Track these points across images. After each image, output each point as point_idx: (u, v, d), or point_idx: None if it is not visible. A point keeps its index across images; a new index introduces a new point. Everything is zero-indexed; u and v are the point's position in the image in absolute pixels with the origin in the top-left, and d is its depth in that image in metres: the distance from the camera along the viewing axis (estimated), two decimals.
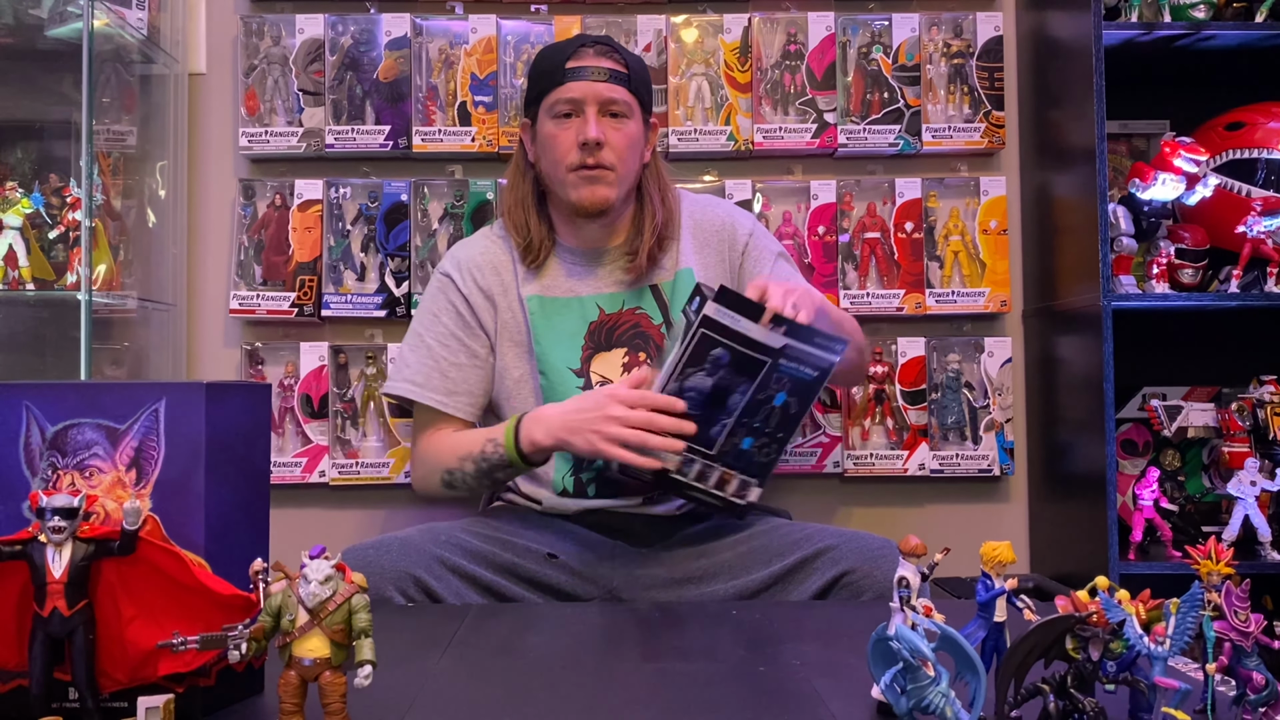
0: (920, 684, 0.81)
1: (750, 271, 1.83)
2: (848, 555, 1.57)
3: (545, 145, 1.77)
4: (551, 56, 1.77)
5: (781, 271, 1.84)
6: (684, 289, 1.79)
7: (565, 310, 1.79)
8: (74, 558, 0.88)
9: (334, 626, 0.85)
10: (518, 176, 1.85)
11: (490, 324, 1.80)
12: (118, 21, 2.07)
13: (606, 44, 1.78)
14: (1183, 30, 2.07)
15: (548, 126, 1.76)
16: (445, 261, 1.87)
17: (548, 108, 1.75)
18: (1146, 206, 2.05)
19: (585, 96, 1.72)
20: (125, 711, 0.90)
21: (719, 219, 1.87)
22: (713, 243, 1.85)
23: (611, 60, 1.75)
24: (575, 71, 1.73)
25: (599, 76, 1.73)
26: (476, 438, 1.70)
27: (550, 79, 1.75)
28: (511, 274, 1.82)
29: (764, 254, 1.85)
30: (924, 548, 0.91)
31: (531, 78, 1.82)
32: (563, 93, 1.73)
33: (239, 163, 2.29)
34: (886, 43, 2.26)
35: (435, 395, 1.77)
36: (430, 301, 1.84)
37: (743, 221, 1.88)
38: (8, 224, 1.96)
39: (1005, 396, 2.23)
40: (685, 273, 1.81)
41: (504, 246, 1.84)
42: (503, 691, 1.07)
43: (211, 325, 2.30)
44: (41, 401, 0.99)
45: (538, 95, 1.78)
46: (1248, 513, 1.95)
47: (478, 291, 1.81)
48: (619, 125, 1.74)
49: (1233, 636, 0.86)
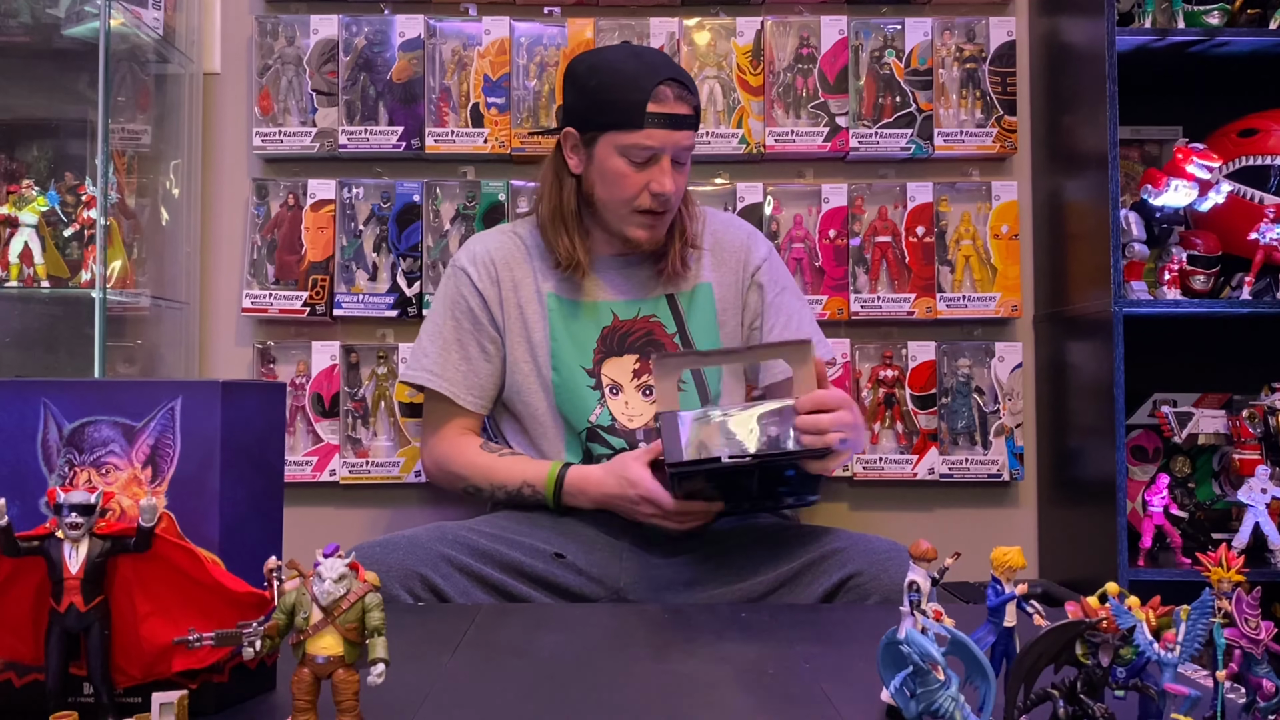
0: (930, 688, 0.81)
1: (755, 298, 1.86)
2: (855, 557, 1.57)
3: (610, 180, 1.72)
4: (627, 89, 1.68)
5: (785, 305, 1.86)
6: (702, 302, 1.81)
7: (581, 313, 1.80)
8: (90, 554, 0.89)
9: (347, 624, 0.85)
10: (555, 186, 1.79)
11: (501, 319, 1.81)
12: (134, 21, 2.08)
13: (682, 83, 1.71)
14: (1196, 36, 2.06)
15: (617, 162, 1.70)
16: (460, 255, 1.87)
17: (621, 147, 1.69)
18: (1158, 213, 2.05)
19: (665, 147, 1.69)
20: (140, 707, 0.91)
21: (738, 240, 1.89)
22: (730, 262, 1.87)
23: (687, 105, 1.70)
24: (657, 119, 1.67)
25: (681, 126, 1.69)
26: (514, 474, 1.74)
27: (627, 117, 1.67)
28: (528, 271, 1.82)
29: (771, 285, 1.87)
30: (934, 552, 0.92)
31: (598, 100, 1.71)
32: (643, 139, 1.68)
33: (253, 162, 2.30)
34: (899, 47, 2.27)
35: (451, 386, 1.80)
36: (445, 294, 1.85)
37: (759, 247, 1.90)
38: (23, 222, 1.97)
39: (1015, 401, 2.23)
40: (704, 287, 1.83)
41: (521, 243, 1.85)
42: (514, 691, 1.07)
43: (224, 324, 2.31)
44: (59, 398, 1.00)
45: (605, 124, 1.70)
46: (1258, 520, 1.94)
47: (491, 286, 1.81)
48: (681, 170, 1.74)
49: (1243, 644, 0.86)
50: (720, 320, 1.83)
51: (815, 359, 1.61)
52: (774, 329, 1.84)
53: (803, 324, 1.85)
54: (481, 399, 1.82)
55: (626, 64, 1.71)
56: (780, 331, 1.83)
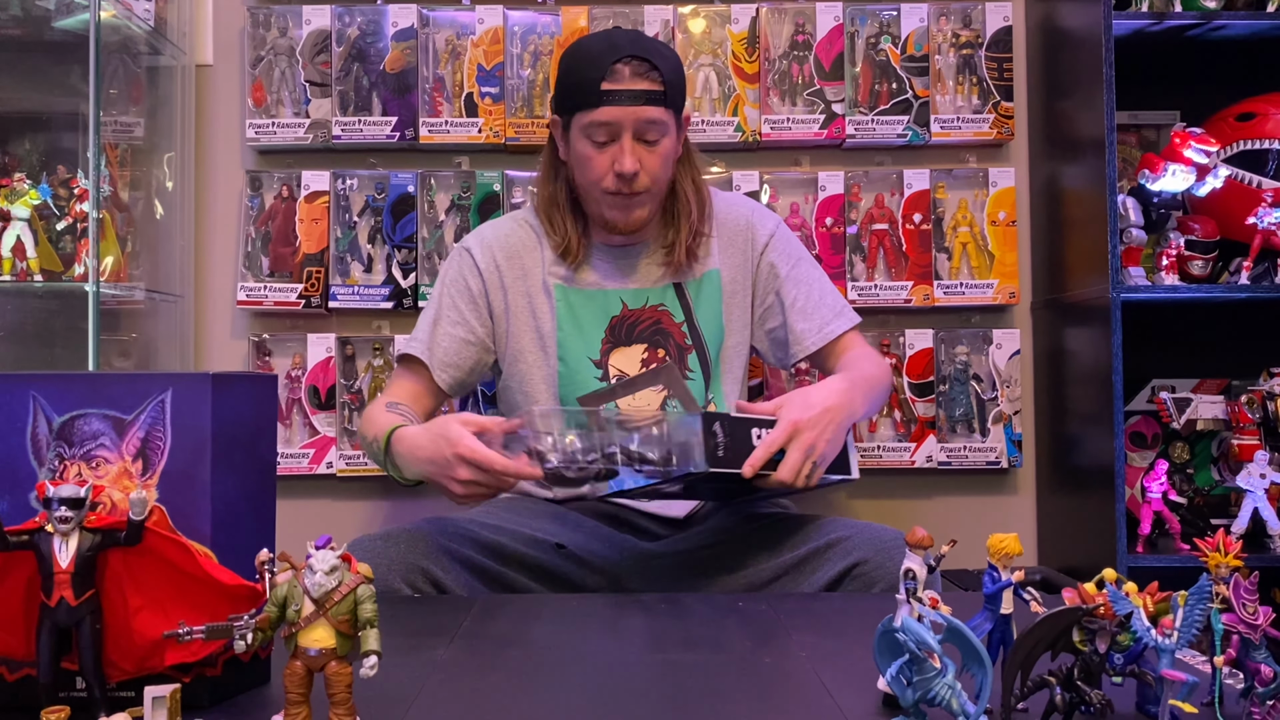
0: (926, 676, 0.81)
1: (767, 276, 1.80)
2: (860, 546, 1.55)
3: (579, 162, 1.70)
4: (585, 68, 1.66)
5: (804, 276, 1.80)
6: (709, 290, 1.78)
7: (589, 302, 1.77)
8: (81, 548, 0.88)
9: (340, 617, 0.85)
10: (549, 173, 1.79)
11: (500, 306, 1.79)
12: (125, 13, 2.07)
13: (643, 58, 1.66)
14: (1194, 20, 2.05)
15: (582, 145, 1.68)
16: (469, 236, 1.85)
17: (581, 127, 1.67)
18: (1156, 198, 2.04)
19: (621, 121, 1.65)
20: (132, 701, 0.90)
21: (741, 218, 1.83)
22: (737, 242, 1.81)
23: (648, 81, 1.65)
24: (611, 95, 1.63)
25: (636, 101, 1.64)
26: (379, 426, 1.63)
27: (583, 97, 1.65)
28: (537, 260, 1.80)
29: (784, 257, 1.80)
30: (931, 539, 0.91)
31: (563, 82, 1.72)
32: (597, 116, 1.64)
33: (246, 154, 2.30)
34: (895, 33, 2.26)
35: (426, 352, 1.75)
36: (446, 272, 1.83)
37: (765, 222, 1.84)
38: (16, 215, 1.96)
39: (1013, 389, 2.23)
40: (711, 274, 1.79)
41: (532, 232, 1.81)
42: (509, 682, 1.07)
43: (219, 316, 2.30)
44: (48, 391, 0.99)
45: (571, 106, 1.68)
46: (1257, 505, 1.94)
47: (494, 271, 1.79)
48: (653, 149, 1.68)
49: (1241, 629, 0.86)
50: (726, 305, 1.79)
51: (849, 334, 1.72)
52: (796, 301, 1.77)
53: (824, 293, 1.79)
54: (449, 375, 1.75)
55: (594, 45, 1.70)
56: (805, 303, 1.77)
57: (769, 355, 1.84)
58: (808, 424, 1.49)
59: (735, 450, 1.45)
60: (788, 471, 1.47)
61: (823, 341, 1.75)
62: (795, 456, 1.47)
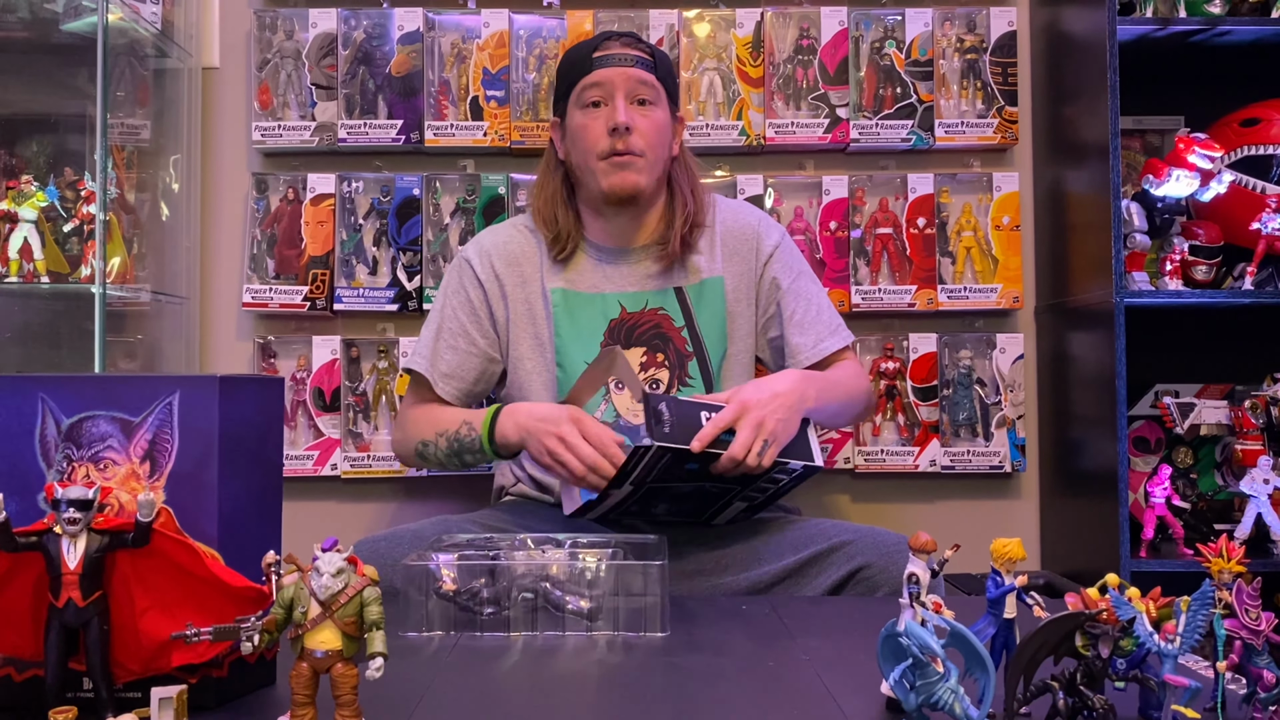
0: (929, 680, 0.81)
1: (769, 287, 1.83)
2: (864, 550, 1.56)
3: (576, 136, 1.77)
4: (578, 50, 1.79)
5: (804, 290, 1.83)
6: (711, 296, 1.79)
7: (588, 306, 1.78)
8: (88, 549, 0.89)
9: (346, 619, 0.85)
10: (547, 174, 1.85)
11: (501, 314, 1.80)
12: (132, 15, 2.08)
13: (632, 36, 1.81)
14: (1198, 25, 2.05)
15: (577, 118, 1.76)
16: (469, 246, 1.87)
17: (576, 98, 1.76)
18: (1160, 203, 2.04)
19: (613, 81, 1.74)
20: (139, 702, 0.91)
21: (747, 226, 1.85)
22: (741, 250, 1.83)
23: (638, 49, 1.77)
24: (603, 59, 1.74)
25: (626, 63, 1.74)
26: (455, 416, 1.72)
27: (578, 69, 1.76)
28: (536, 266, 1.81)
29: (786, 270, 1.83)
30: (934, 544, 0.91)
31: (560, 73, 1.82)
32: (591, 79, 1.74)
33: (252, 157, 2.30)
34: (899, 38, 2.26)
35: (430, 370, 1.79)
36: (447, 283, 1.85)
37: (770, 232, 1.86)
38: (23, 217, 1.97)
39: (1017, 393, 2.23)
40: (714, 281, 1.80)
41: (531, 238, 1.83)
42: (513, 684, 1.07)
43: (224, 318, 2.31)
44: (57, 393, 1.00)
45: (566, 89, 1.78)
46: (1260, 511, 1.94)
47: (493, 280, 1.81)
48: (647, 112, 1.75)
49: (1243, 635, 0.86)
50: (730, 312, 1.81)
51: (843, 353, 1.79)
52: (794, 315, 1.80)
53: (822, 309, 1.83)
54: (458, 390, 1.79)
55: (585, 40, 1.83)
56: (802, 317, 1.80)
57: (771, 364, 1.86)
58: (756, 404, 1.55)
59: (682, 428, 1.50)
60: (739, 447, 1.50)
61: (816, 357, 1.79)
62: (745, 434, 1.51)
